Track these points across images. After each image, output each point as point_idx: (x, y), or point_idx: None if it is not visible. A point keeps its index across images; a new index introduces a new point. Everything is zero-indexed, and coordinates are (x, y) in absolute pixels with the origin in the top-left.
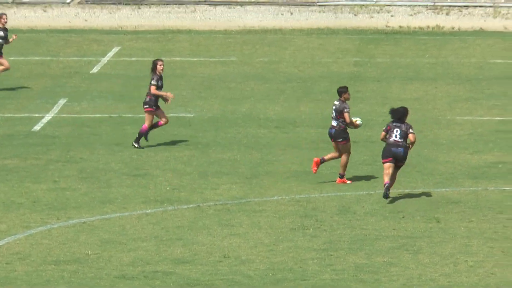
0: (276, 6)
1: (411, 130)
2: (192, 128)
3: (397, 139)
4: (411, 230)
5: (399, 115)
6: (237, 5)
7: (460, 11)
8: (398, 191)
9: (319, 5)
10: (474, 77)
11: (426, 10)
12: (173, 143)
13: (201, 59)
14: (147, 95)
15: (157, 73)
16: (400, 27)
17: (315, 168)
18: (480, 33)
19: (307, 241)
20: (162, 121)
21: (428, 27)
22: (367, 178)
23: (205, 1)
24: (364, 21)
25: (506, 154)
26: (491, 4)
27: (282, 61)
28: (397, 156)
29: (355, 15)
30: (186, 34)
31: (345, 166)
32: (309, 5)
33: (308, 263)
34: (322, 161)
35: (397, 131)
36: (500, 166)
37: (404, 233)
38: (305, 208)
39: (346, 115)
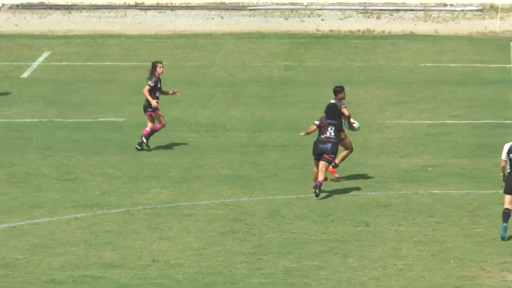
0: (206, 11)
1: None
2: (123, 133)
3: (331, 135)
4: (340, 233)
5: (334, 112)
6: (167, 9)
7: (391, 15)
8: (326, 193)
9: (250, 9)
10: (404, 81)
11: (357, 14)
12: (104, 147)
13: (132, 63)
14: (147, 99)
15: (156, 75)
16: (331, 31)
17: (337, 175)
18: (411, 37)
19: (236, 245)
20: (160, 125)
21: (359, 31)
22: (297, 182)
23: (135, 6)
24: (294, 25)
25: (436, 157)
26: (422, 8)
27: (212, 65)
28: (323, 151)
29: (285, 19)
30: (116, 39)
31: (343, 158)
32: (240, 9)
33: (237, 267)
34: (335, 166)
35: (331, 128)
36: (430, 169)
37: (334, 237)
38: (235, 212)
39: (344, 109)
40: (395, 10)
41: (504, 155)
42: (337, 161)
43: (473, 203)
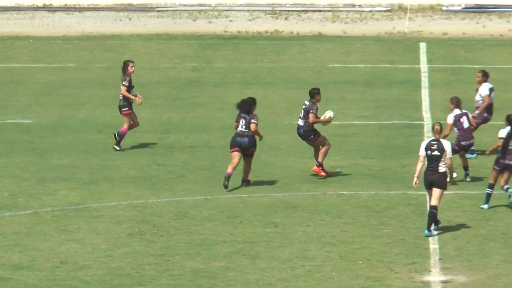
0: (114, 12)
1: (253, 120)
2: (31, 134)
3: (243, 129)
4: (248, 235)
5: (246, 107)
6: (75, 11)
7: (299, 15)
8: (236, 195)
9: (158, 11)
10: (312, 82)
11: (265, 15)
12: (11, 149)
13: (40, 65)
14: (122, 99)
15: (128, 74)
16: (239, 32)
17: (323, 173)
18: (319, 38)
19: (144, 247)
20: (135, 124)
21: (267, 32)
22: (204, 183)
23: (43, 7)
24: (202, 26)
25: (344, 158)
26: (330, 9)
27: (120, 67)
28: (242, 146)
29: (193, 20)
30: (24, 40)
31: (324, 154)
32: (148, 11)
33: (145, 268)
34: (319, 165)
35: (242, 122)
36: (338, 170)
37: (242, 238)
38: (143, 214)
39: (311, 115)
40: (303, 11)
41: (422, 151)
42: (319, 159)
43: (381, 204)
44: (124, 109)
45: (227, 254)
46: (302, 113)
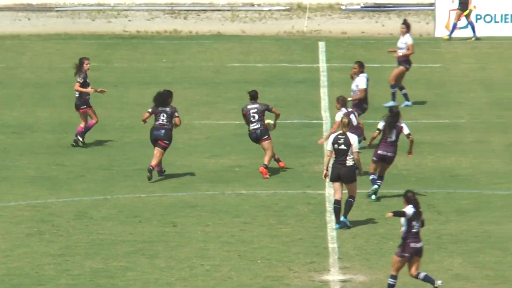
0: (13, 12)
1: (176, 114)
2: None
3: (163, 122)
4: (148, 234)
5: (163, 99)
6: None
7: (198, 15)
8: (135, 195)
9: (57, 11)
10: (211, 81)
11: (164, 14)
12: None
13: None
14: (79, 97)
15: (83, 71)
16: (138, 31)
17: (267, 176)
18: (218, 37)
19: (43, 247)
20: (94, 121)
21: (166, 31)
22: (104, 183)
23: None
24: (101, 26)
25: (243, 157)
26: (229, 8)
27: (19, 67)
28: (157, 138)
29: (92, 20)
30: None
31: (270, 158)
32: (47, 11)
33: (44, 268)
34: (271, 163)
35: (163, 115)
36: (237, 169)
37: (141, 238)
38: (42, 214)
39: (274, 109)
40: (202, 10)
41: (329, 146)
42: (266, 162)
43: (280, 203)
44: (82, 107)
45: (126, 254)
46: (256, 116)
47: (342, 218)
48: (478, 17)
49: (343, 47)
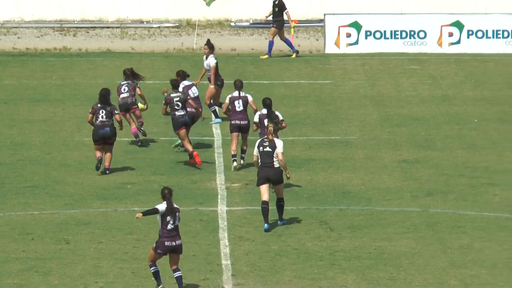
0: None
1: (116, 111)
2: None
3: (104, 119)
4: (40, 251)
5: (105, 97)
6: None
7: (87, 32)
8: (27, 213)
9: None
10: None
11: (53, 31)
12: None
13: None
14: None
15: None
16: (27, 49)
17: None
18: (108, 54)
19: None
20: None
21: (55, 48)
22: None
23: None
24: None
25: (134, 175)
26: (118, 25)
27: None
28: (105, 136)
29: None
30: None
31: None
32: None
33: None
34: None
35: (102, 112)
36: (129, 186)
37: (34, 255)
38: None
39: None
40: (92, 27)
41: (255, 151)
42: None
43: None
44: None
45: (19, 271)
46: (180, 104)
47: (279, 223)
48: (368, 33)
49: (233, 64)
